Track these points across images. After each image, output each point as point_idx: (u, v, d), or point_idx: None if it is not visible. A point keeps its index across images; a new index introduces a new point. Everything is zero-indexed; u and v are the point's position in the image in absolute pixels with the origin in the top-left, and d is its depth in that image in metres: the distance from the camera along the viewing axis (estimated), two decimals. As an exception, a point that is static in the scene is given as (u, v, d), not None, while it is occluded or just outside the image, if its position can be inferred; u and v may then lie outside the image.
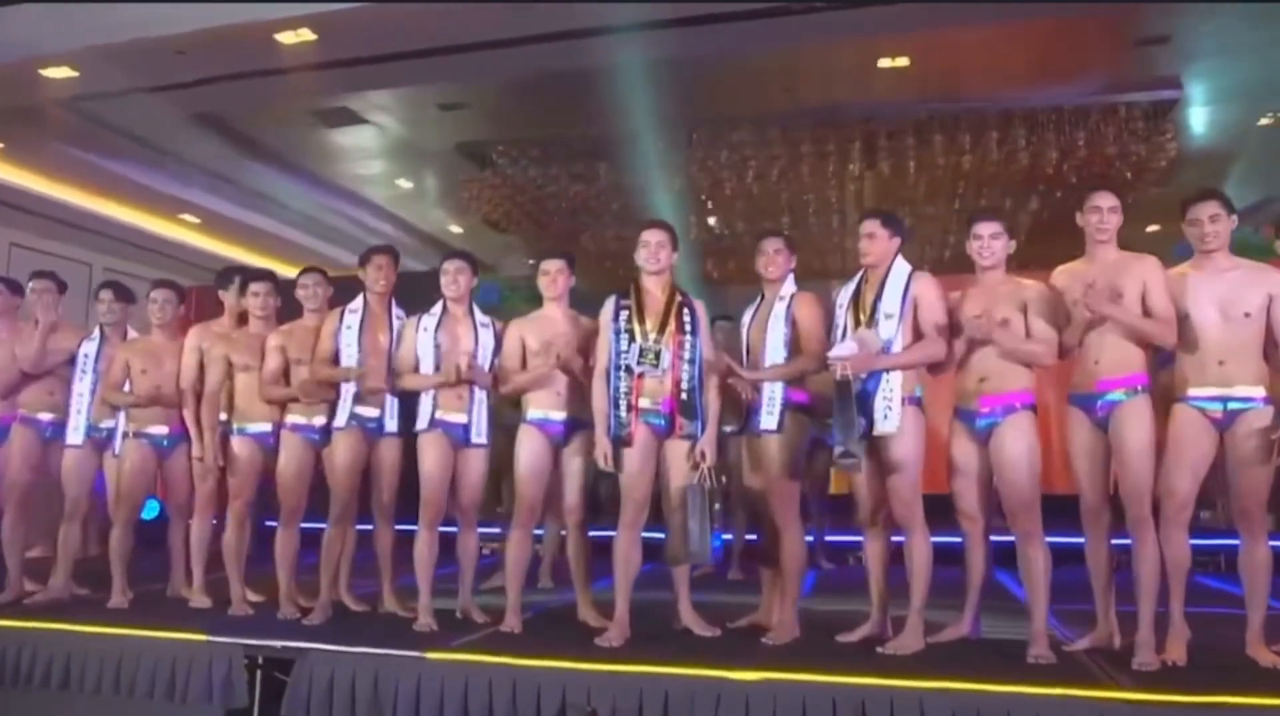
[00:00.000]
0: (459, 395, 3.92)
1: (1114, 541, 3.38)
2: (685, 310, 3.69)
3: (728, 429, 4.43)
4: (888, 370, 3.38)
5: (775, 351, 3.65)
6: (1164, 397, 3.28)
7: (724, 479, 3.88)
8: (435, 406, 3.90)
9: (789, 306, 3.67)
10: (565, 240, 9.42)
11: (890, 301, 3.45)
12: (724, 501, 3.75)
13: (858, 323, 3.49)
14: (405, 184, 9.59)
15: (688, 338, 3.66)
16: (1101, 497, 3.35)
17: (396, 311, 4.21)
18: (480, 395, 3.96)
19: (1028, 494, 3.31)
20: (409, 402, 4.01)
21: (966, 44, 6.59)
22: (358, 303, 4.14)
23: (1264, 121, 7.65)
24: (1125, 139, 7.36)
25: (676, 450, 3.65)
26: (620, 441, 3.58)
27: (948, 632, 3.54)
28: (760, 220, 8.80)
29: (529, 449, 3.82)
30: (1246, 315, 3.17)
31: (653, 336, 3.63)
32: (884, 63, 6.86)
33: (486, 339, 4.01)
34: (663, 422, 3.61)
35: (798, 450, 3.64)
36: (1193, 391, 3.20)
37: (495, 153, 8.50)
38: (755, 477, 3.75)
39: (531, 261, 8.70)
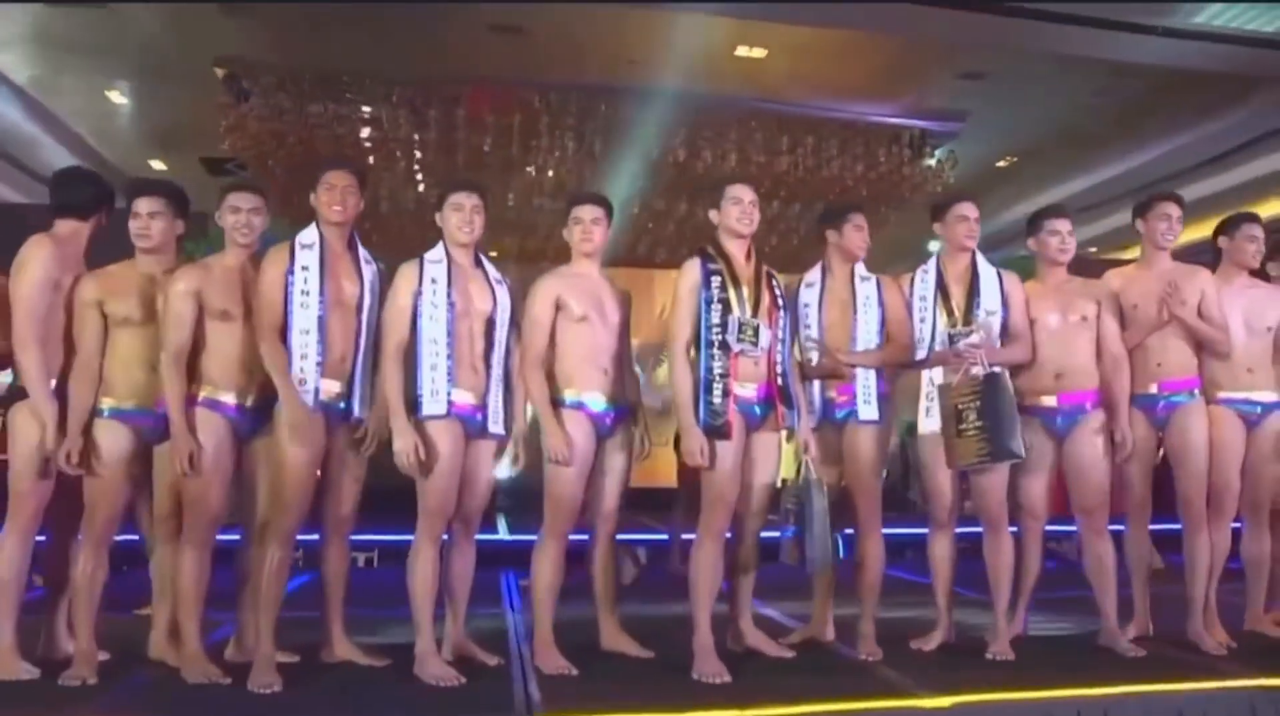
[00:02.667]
0: (474, 368, 3.02)
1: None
2: (773, 281, 3.20)
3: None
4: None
5: (868, 336, 3.30)
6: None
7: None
8: (452, 383, 2.95)
9: (878, 288, 3.35)
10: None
11: (990, 298, 3.29)
12: None
13: (950, 316, 3.29)
14: (118, 99, 7.48)
15: (781, 313, 3.16)
16: (1149, 494, 3.50)
17: (363, 252, 3.14)
18: (498, 371, 3.08)
19: (1106, 491, 3.34)
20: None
21: (821, 46, 6.72)
22: (310, 235, 3.01)
23: (1001, 164, 8.85)
24: (913, 160, 8.04)
25: (765, 444, 3.13)
26: (715, 433, 2.97)
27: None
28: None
29: (573, 440, 3.05)
30: (1269, 329, 3.50)
31: (749, 309, 3.07)
32: (741, 50, 6.75)
33: (504, 299, 3.13)
34: (756, 412, 3.07)
35: (888, 444, 3.34)
36: (1229, 394, 3.44)
37: (266, 76, 6.94)
38: (829, 472, 3.35)
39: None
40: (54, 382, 2.91)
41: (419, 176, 8.14)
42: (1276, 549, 3.60)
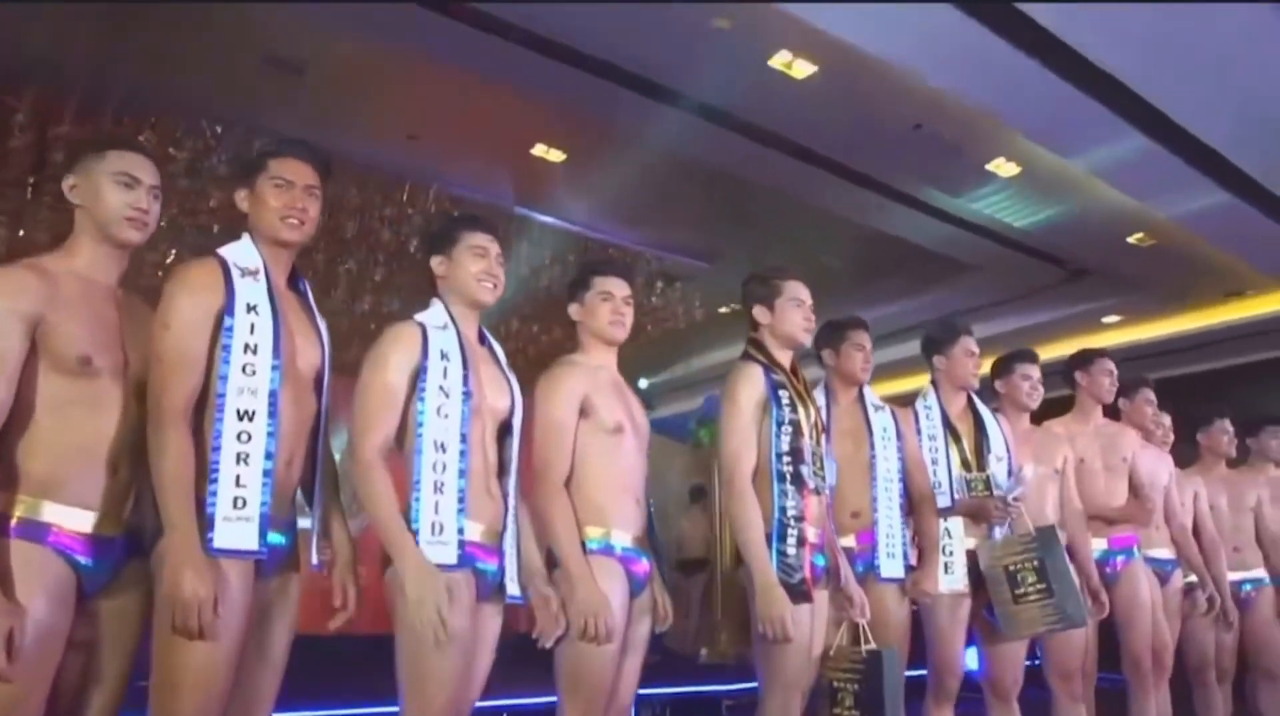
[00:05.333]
0: (490, 492, 2.07)
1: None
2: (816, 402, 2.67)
3: None
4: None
5: (889, 475, 2.86)
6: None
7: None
8: (463, 515, 1.95)
9: (895, 419, 2.95)
10: None
11: (998, 442, 3.07)
12: None
13: (963, 462, 3.01)
14: None
15: (827, 441, 2.64)
16: (1096, 652, 3.44)
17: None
18: (514, 501, 2.14)
19: (1083, 652, 3.24)
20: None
21: (619, 158, 6.37)
22: (251, 256, 1.89)
23: (723, 309, 9.17)
24: (664, 292, 7.97)
25: (819, 603, 2.51)
26: (792, 594, 2.30)
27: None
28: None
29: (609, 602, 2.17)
30: (1163, 486, 3.74)
31: (818, 435, 2.50)
32: (539, 149, 6.20)
33: (516, 392, 2.22)
34: (824, 564, 2.47)
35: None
36: (1145, 552, 3.57)
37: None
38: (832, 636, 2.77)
39: None
40: None
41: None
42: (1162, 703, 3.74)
